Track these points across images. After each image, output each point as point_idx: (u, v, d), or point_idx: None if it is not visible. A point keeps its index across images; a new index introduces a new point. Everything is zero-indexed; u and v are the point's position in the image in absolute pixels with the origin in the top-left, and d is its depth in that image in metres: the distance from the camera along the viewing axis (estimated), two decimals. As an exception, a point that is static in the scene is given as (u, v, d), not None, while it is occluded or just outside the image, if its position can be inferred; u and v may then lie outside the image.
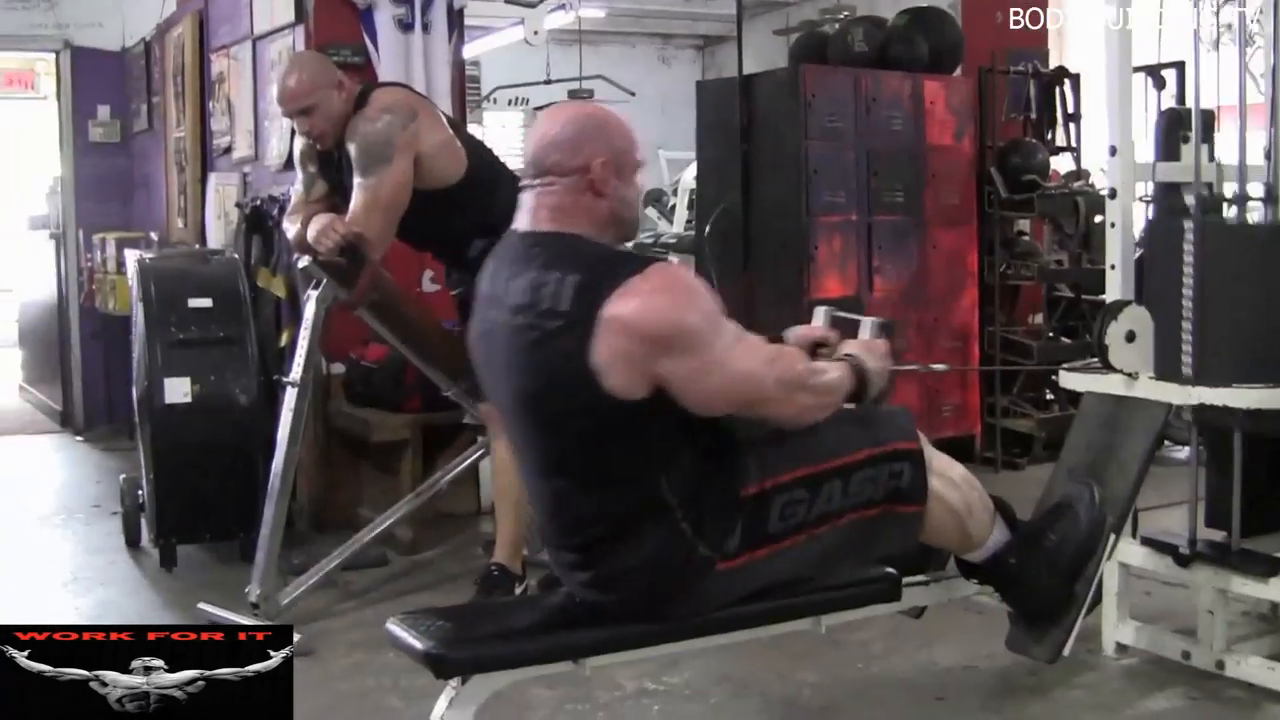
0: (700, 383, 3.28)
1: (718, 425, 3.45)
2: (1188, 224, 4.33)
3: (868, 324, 3.94)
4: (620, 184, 3.44)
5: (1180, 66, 6.82)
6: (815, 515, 3.48)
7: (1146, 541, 4.72)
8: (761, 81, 8.04)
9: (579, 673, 3.51)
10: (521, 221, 3.48)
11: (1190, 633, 4.69)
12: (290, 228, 5.37)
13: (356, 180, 5.12)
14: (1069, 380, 4.67)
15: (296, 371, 5.31)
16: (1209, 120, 4.74)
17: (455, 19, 7.32)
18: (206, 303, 6.27)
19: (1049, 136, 8.69)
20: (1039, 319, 8.70)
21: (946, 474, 3.75)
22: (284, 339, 6.70)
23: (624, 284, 3.22)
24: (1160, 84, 4.95)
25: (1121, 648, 4.81)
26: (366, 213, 5.09)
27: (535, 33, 12.38)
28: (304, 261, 5.23)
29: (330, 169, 5.36)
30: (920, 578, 4.03)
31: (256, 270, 7.03)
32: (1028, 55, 8.74)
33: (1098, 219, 7.39)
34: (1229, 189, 4.64)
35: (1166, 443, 7.39)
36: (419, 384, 6.33)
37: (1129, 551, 4.72)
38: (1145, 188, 5.13)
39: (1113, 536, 4.10)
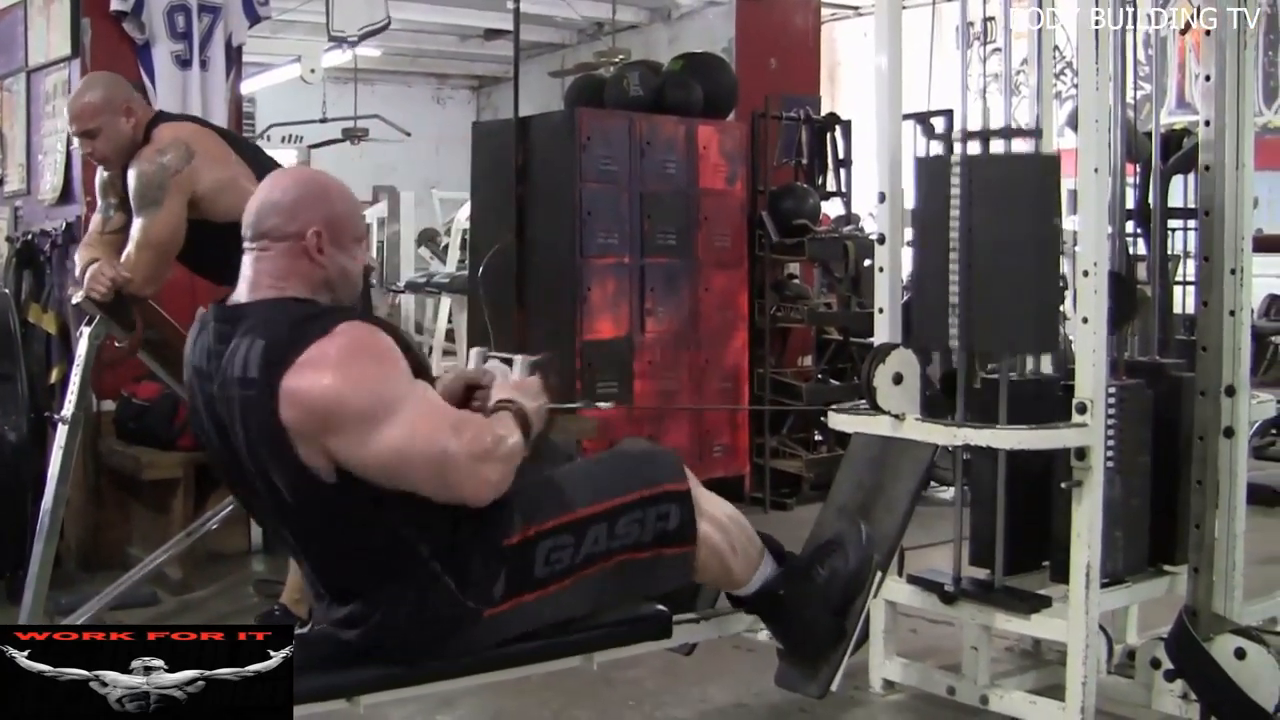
0: (378, 460, 3.16)
1: None
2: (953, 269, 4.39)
3: (519, 362, 3.95)
4: (337, 252, 3.36)
5: (949, 114, 6.97)
6: (582, 559, 3.46)
7: (913, 580, 4.79)
8: (537, 123, 8.08)
9: (353, 711, 3.44)
10: (240, 290, 3.37)
11: (955, 669, 4.79)
12: (81, 258, 5.25)
13: (134, 218, 5.07)
14: (837, 421, 4.72)
15: (68, 408, 5.19)
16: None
17: (234, 56, 7.27)
18: (-26, 338, 6.10)
19: (820, 182, 8.82)
20: (808, 361, 8.83)
21: (714, 514, 3.71)
22: (55, 375, 6.59)
23: (304, 353, 3.13)
24: (929, 131, 5.04)
25: (889, 684, 4.89)
26: (136, 252, 5.03)
27: (312, 70, 12.31)
28: (78, 297, 5.11)
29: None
30: (691, 615, 4.04)
31: (27, 306, 6.90)
32: (800, 101, 8.92)
33: (867, 263, 7.51)
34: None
35: (932, 483, 7.56)
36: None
37: (895, 589, 4.79)
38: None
39: (880, 574, 4.15)
